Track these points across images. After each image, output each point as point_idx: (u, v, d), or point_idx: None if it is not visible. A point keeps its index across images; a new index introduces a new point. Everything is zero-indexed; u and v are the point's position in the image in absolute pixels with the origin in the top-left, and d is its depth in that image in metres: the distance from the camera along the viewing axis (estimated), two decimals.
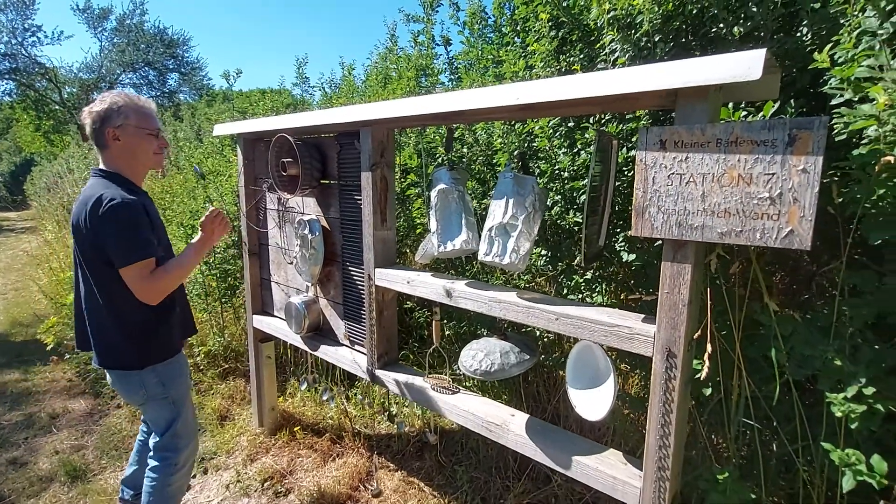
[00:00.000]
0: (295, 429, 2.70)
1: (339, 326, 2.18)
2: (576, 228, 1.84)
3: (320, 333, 2.30)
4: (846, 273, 1.15)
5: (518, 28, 2.17)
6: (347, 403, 2.88)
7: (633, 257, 1.62)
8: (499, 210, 1.48)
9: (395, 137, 2.03)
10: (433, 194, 1.67)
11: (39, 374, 3.70)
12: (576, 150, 1.78)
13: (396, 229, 2.04)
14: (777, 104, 1.26)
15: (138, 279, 1.60)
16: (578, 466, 1.39)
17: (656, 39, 1.48)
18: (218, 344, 3.47)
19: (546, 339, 2.05)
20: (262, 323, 2.58)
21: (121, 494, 2.11)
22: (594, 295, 1.80)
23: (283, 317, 2.35)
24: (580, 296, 1.83)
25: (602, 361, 1.37)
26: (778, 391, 1.21)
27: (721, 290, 1.33)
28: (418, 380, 1.86)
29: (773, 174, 0.97)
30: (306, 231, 2.12)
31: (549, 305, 1.38)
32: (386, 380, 1.94)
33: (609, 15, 1.52)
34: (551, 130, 1.83)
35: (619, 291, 1.80)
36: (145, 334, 1.72)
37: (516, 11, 2.05)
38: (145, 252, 1.60)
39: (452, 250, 1.63)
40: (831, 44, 1.11)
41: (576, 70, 1.67)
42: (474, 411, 1.64)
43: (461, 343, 2.09)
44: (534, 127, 1.86)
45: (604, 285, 1.78)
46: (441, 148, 2.46)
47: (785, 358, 1.20)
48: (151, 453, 1.86)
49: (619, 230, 1.70)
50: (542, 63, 1.80)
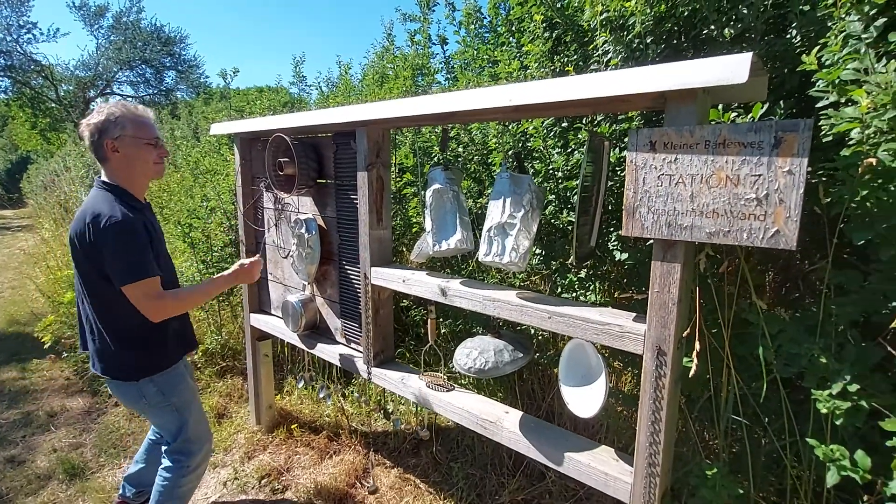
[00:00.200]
0: (292, 426, 2.72)
1: (336, 325, 2.19)
2: (569, 227, 1.86)
3: (317, 332, 2.32)
4: (832, 272, 1.17)
5: (513, 28, 2.18)
6: (344, 401, 2.90)
7: (626, 256, 1.64)
8: (496, 210, 1.49)
9: (392, 137, 2.05)
10: (428, 194, 1.68)
11: (37, 373, 3.70)
12: (570, 151, 1.79)
13: (393, 228, 2.06)
14: (766, 105, 1.27)
15: (142, 298, 1.60)
16: (571, 463, 1.41)
17: (648, 41, 1.49)
18: (216, 342, 3.49)
19: (540, 338, 2.07)
20: (260, 321, 2.59)
21: (121, 491, 2.11)
22: (588, 293, 1.81)
23: (281, 315, 2.37)
24: (574, 294, 1.85)
25: (594, 359, 1.39)
26: (766, 388, 1.23)
27: (711, 290, 1.35)
28: (414, 377, 1.88)
29: (760, 175, 0.98)
30: (303, 230, 2.13)
31: (542, 304, 1.40)
32: (382, 378, 1.96)
33: (602, 17, 1.53)
34: (545, 131, 1.84)
35: (613, 290, 1.81)
36: (139, 346, 1.72)
37: (511, 12, 2.06)
38: (146, 272, 1.60)
39: (447, 249, 1.64)
40: (819, 46, 1.13)
41: (569, 71, 1.68)
42: (469, 408, 1.66)
43: (457, 341, 2.11)
44: (528, 127, 1.88)
45: (597, 284, 1.80)
46: (437, 147, 2.47)
47: (773, 356, 1.22)
48: (164, 454, 1.87)
49: (612, 229, 1.72)
50: (537, 64, 1.82)
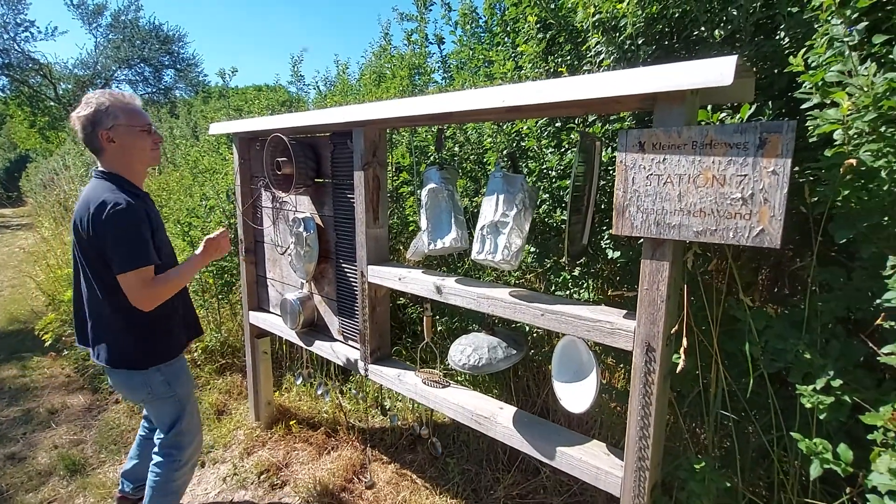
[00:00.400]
0: (291, 423, 2.74)
1: (334, 322, 2.22)
2: (563, 226, 1.88)
3: (315, 329, 2.34)
4: (817, 270, 1.19)
5: (508, 29, 2.20)
6: (342, 398, 2.93)
7: (618, 254, 1.66)
8: (489, 209, 1.51)
9: (388, 136, 2.07)
10: (424, 193, 1.70)
11: (38, 371, 3.73)
12: (563, 150, 1.82)
13: (389, 227, 2.08)
14: (755, 106, 1.30)
15: (136, 286, 1.61)
16: (563, 457, 1.44)
17: (640, 42, 1.51)
18: (215, 340, 3.51)
19: (535, 335, 2.10)
20: (259, 319, 2.62)
21: (120, 487, 2.14)
22: (581, 291, 1.84)
23: (279, 313, 2.39)
24: (568, 292, 1.87)
25: (585, 355, 1.41)
26: (752, 384, 1.26)
27: (700, 287, 1.37)
28: (410, 374, 1.91)
29: (746, 175, 1.01)
30: (301, 229, 2.15)
31: (536, 301, 1.42)
32: (379, 374, 1.98)
33: (594, 18, 1.55)
34: (539, 130, 1.87)
35: (606, 288, 1.84)
36: (151, 335, 1.74)
37: (506, 12, 2.08)
38: (145, 259, 1.61)
39: (442, 248, 1.66)
40: (805, 48, 1.15)
41: (563, 71, 1.70)
42: (464, 404, 1.69)
43: (453, 338, 2.13)
44: (522, 127, 1.90)
45: (590, 282, 1.83)
46: (433, 147, 2.49)
47: (759, 352, 1.25)
48: (156, 449, 1.88)
49: (605, 228, 1.75)
50: (531, 64, 1.84)
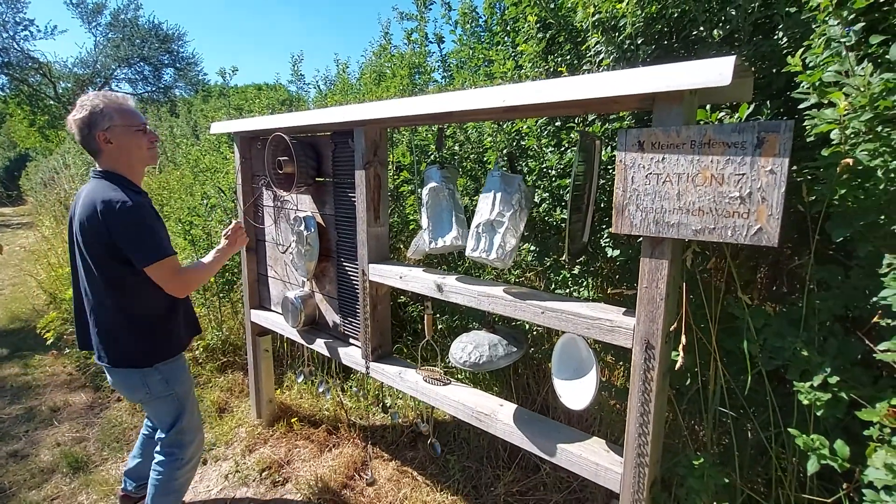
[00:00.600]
0: (292, 420, 2.76)
1: (335, 320, 2.23)
2: (563, 225, 1.89)
3: (316, 327, 2.35)
4: (815, 268, 1.21)
5: (508, 28, 2.21)
6: (343, 395, 2.94)
7: (618, 253, 1.67)
8: (486, 207, 1.52)
9: (389, 135, 2.08)
10: (424, 192, 1.71)
11: (39, 369, 3.74)
12: (563, 149, 1.83)
13: (390, 226, 2.09)
14: (753, 105, 1.31)
15: (167, 275, 1.67)
16: (563, 454, 1.45)
17: (639, 42, 1.52)
18: (216, 338, 3.53)
19: (536, 332, 2.11)
20: (260, 317, 2.63)
21: (123, 485, 2.16)
22: (581, 289, 1.85)
23: (280, 311, 2.40)
24: (567, 290, 1.89)
25: (585, 353, 1.42)
26: (751, 381, 1.27)
27: (699, 285, 1.38)
28: (411, 372, 1.92)
29: (744, 174, 1.02)
30: (302, 227, 2.16)
31: (536, 300, 1.44)
32: (380, 372, 2.00)
33: (594, 18, 1.56)
34: (539, 130, 1.87)
35: (605, 286, 1.85)
36: (153, 332, 1.76)
37: (506, 12, 2.09)
38: (167, 250, 1.67)
39: (443, 246, 1.67)
40: (803, 48, 1.16)
41: (562, 71, 1.71)
42: (464, 402, 1.70)
43: (453, 336, 2.14)
44: (522, 126, 1.91)
45: (590, 280, 1.84)
46: (434, 146, 2.50)
47: (758, 349, 1.26)
48: (158, 448, 1.89)
49: (605, 226, 1.76)
50: (531, 63, 1.84)
